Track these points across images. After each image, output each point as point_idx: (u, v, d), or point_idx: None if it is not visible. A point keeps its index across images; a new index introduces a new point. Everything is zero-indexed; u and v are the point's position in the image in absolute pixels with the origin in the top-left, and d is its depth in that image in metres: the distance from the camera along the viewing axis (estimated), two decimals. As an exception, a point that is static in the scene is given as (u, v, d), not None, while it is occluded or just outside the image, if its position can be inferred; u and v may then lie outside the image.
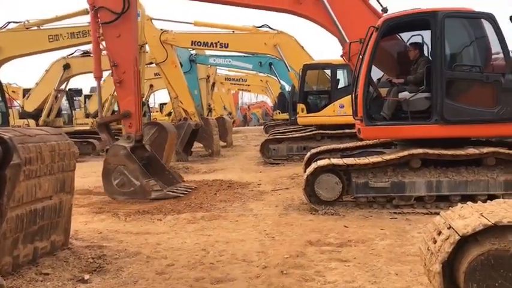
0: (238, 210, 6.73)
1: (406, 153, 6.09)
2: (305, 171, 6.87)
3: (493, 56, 6.27)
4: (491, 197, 5.84)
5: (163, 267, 4.31)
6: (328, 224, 5.65)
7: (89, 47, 15.00)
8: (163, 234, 5.51)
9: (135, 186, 7.60)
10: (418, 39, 6.83)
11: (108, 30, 7.68)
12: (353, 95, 6.92)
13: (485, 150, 5.92)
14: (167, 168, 8.72)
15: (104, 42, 7.86)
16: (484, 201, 5.59)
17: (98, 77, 8.28)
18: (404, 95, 6.32)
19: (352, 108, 6.99)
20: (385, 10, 7.26)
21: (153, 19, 13.52)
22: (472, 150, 5.97)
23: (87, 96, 21.80)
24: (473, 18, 6.20)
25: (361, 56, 6.63)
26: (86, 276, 4.02)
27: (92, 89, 23.07)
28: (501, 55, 6.08)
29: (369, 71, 6.28)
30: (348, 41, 7.26)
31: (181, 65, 14.54)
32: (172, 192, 7.77)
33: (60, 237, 4.55)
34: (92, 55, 14.96)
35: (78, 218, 6.29)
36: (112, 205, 7.35)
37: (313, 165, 6.48)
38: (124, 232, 5.67)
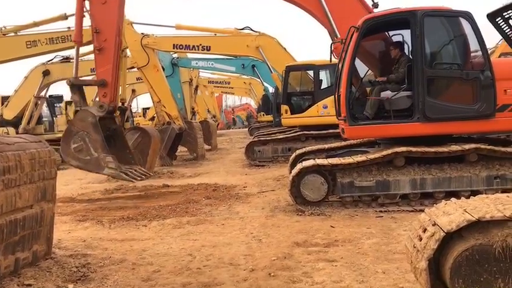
0: (224, 214, 6.68)
1: (390, 151, 6.13)
2: (290, 173, 6.87)
3: (472, 54, 6.36)
4: (475, 193, 5.96)
5: (149, 273, 4.25)
6: (315, 225, 5.65)
7: (68, 53, 14.81)
8: (148, 240, 5.44)
9: (91, 157, 7.38)
10: (398, 38, 6.90)
11: None
12: (336, 95, 6.95)
13: (467, 146, 6.00)
14: (130, 148, 8.51)
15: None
16: (468, 197, 5.69)
17: (78, 41, 7.94)
18: (387, 94, 6.38)
19: (336, 109, 7.02)
20: (376, 5, 7.32)
21: (134, 23, 13.42)
22: (454, 147, 6.05)
23: (69, 103, 21.47)
24: (451, 17, 6.28)
25: (343, 56, 6.67)
26: (70, 286, 3.93)
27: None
28: (479, 53, 6.17)
29: (350, 71, 6.31)
30: (338, 34, 7.28)
31: (164, 69, 14.44)
32: (127, 174, 7.54)
33: (43, 247, 4.44)
34: (72, 61, 14.76)
35: (61, 227, 6.18)
36: (96, 212, 7.24)
37: (299, 166, 6.48)
38: (108, 239, 5.58)
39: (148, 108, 31.17)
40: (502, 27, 6.92)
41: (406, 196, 6.21)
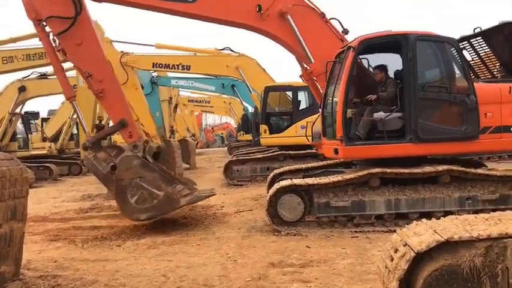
0: (200, 234, 6.62)
1: (365, 172, 6.22)
2: (268, 192, 6.88)
3: (457, 78, 6.57)
4: (448, 214, 6.06)
5: (122, 295, 4.17)
6: (291, 245, 5.64)
7: (45, 70, 14.65)
8: (122, 261, 5.34)
9: (159, 198, 6.54)
10: (379, 62, 7.05)
11: (66, 40, 6.75)
12: (323, 115, 7.02)
13: (440, 168, 6.14)
14: (178, 178, 7.73)
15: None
16: (440, 217, 5.79)
17: (71, 97, 7.20)
18: (380, 115, 6.48)
19: (322, 129, 7.07)
20: (346, 32, 7.49)
21: (113, 41, 13.39)
22: (428, 168, 6.18)
23: (45, 120, 21.14)
24: (439, 42, 6.50)
25: (335, 76, 6.73)
26: (38, 309, 3.81)
27: (50, 112, 22.43)
28: (464, 78, 6.40)
29: (347, 90, 6.39)
30: (313, 60, 7.40)
31: (143, 87, 14.39)
32: (202, 193, 6.88)
33: (11, 268, 4.30)
34: (50, 77, 14.58)
35: (31, 247, 6.01)
36: (69, 232, 7.08)
37: (276, 186, 6.50)
38: (81, 260, 5.45)
39: (126, 126, 30.81)
40: (468, 51, 7.23)
41: (381, 216, 6.28)
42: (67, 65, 8.78)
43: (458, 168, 6.18)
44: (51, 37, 6.86)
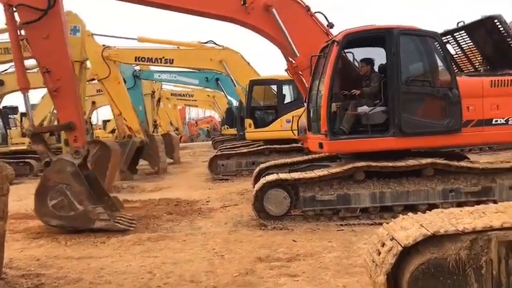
0: (186, 230, 6.58)
1: (350, 166, 6.26)
2: (254, 187, 6.87)
3: (440, 72, 6.63)
4: (431, 206, 6.16)
5: (107, 293, 4.11)
6: (277, 239, 5.65)
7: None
8: (106, 258, 5.27)
9: (77, 211, 6.52)
10: (366, 56, 7.08)
11: (32, 31, 6.45)
12: (308, 110, 7.01)
13: (423, 161, 6.22)
14: (108, 194, 7.61)
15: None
16: (425, 210, 5.86)
17: (24, 88, 6.93)
18: (364, 109, 6.50)
19: (307, 123, 7.07)
20: (331, 25, 7.49)
21: (95, 35, 13.16)
22: (412, 162, 6.25)
23: (24, 114, 20.68)
24: (422, 36, 6.54)
25: (320, 70, 6.71)
26: (21, 308, 3.74)
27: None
28: (447, 71, 6.46)
29: (331, 85, 6.39)
30: (297, 54, 7.38)
31: (125, 81, 14.22)
32: (119, 223, 6.74)
33: (-8, 268, 4.21)
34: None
35: (13, 245, 5.88)
36: (51, 229, 6.91)
37: (262, 181, 6.50)
38: (64, 257, 5.36)
39: (108, 121, 30.45)
40: (452, 45, 7.30)
41: (366, 209, 6.33)
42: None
43: (441, 161, 6.27)
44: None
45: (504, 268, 2.71)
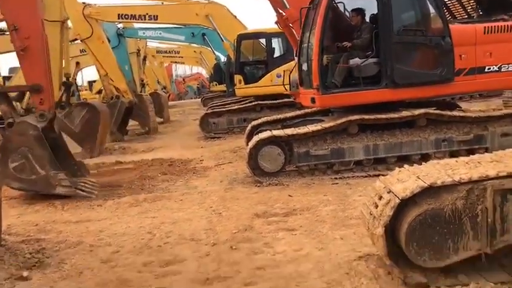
0: (182, 189, 6.62)
1: (344, 120, 6.25)
2: (247, 144, 6.87)
3: (433, 20, 6.49)
4: (424, 156, 6.23)
5: (109, 254, 4.17)
6: (274, 195, 5.72)
7: (3, 25, 13.75)
8: (105, 221, 5.31)
9: (38, 175, 6.36)
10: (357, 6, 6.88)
11: None
12: (299, 63, 6.89)
13: (417, 112, 6.22)
14: (73, 158, 7.38)
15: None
16: (418, 160, 5.94)
17: None
18: (355, 61, 6.40)
19: (299, 78, 6.96)
20: None
21: (74, -8, 12.61)
22: (405, 113, 6.25)
23: (7, 78, 20.15)
24: None
25: (310, 22, 6.52)
26: (25, 273, 3.78)
27: (11, 70, 21.34)
28: (439, 19, 6.32)
29: (322, 37, 6.23)
30: (287, 5, 7.17)
31: (109, 40, 13.80)
32: (82, 190, 6.60)
33: (-9, 235, 4.22)
34: (7, 33, 13.71)
35: (9, 211, 5.89)
36: (47, 194, 6.91)
37: (255, 138, 6.48)
38: (62, 222, 5.39)
39: (94, 82, 29.85)
40: None
41: (360, 162, 6.39)
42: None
43: (434, 112, 6.28)
44: None
45: (499, 216, 2.78)
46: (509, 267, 2.89)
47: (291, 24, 7.36)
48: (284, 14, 7.32)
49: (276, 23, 7.76)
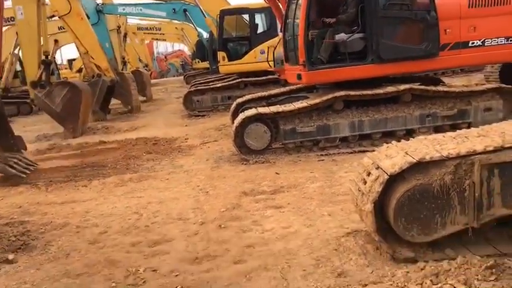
0: (167, 168, 6.56)
1: (330, 96, 6.22)
2: (232, 122, 6.81)
3: None
4: (409, 132, 6.28)
5: (96, 235, 4.13)
6: (260, 173, 5.71)
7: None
8: (90, 201, 5.25)
9: None
10: None
11: None
12: (284, 39, 6.77)
13: (401, 87, 6.22)
14: (13, 133, 7.00)
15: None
16: (403, 136, 5.96)
17: None
18: (341, 36, 6.32)
19: (284, 54, 6.84)
20: None
21: (49, -34, 12.11)
22: (390, 88, 6.24)
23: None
24: None
25: None
26: (10, 256, 3.73)
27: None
28: None
29: (307, 12, 6.12)
30: None
31: (88, 17, 13.37)
32: (12, 167, 6.38)
33: (-27, 219, 4.12)
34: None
35: (-9, 194, 5.78)
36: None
37: (241, 116, 6.43)
38: (47, 203, 5.31)
39: (74, 60, 29.13)
40: None
41: (345, 139, 6.41)
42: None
43: (419, 87, 6.29)
44: None
45: (486, 190, 2.81)
46: (495, 241, 2.95)
47: (277, -2, 7.20)
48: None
49: None
